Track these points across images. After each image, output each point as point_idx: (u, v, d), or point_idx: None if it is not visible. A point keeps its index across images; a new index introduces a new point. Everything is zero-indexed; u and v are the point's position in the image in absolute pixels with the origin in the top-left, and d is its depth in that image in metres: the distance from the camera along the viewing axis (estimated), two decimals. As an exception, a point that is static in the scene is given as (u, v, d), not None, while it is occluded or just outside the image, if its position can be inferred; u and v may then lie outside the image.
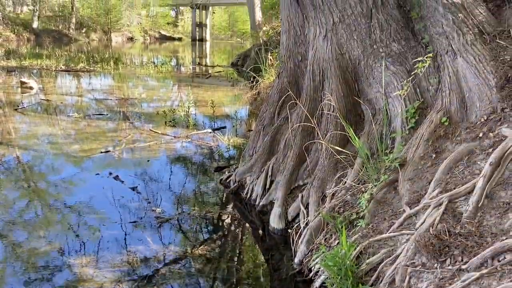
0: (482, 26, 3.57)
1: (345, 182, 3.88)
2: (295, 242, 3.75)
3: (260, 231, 4.31)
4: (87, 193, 4.92)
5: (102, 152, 6.35)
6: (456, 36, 3.55)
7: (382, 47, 4.06)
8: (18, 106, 9.47)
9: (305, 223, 3.88)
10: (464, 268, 2.32)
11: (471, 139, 3.15)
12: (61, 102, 10.33)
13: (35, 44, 30.03)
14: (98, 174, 5.52)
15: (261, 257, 3.90)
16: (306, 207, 4.07)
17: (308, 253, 3.50)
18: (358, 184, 3.73)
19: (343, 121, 4.05)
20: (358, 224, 3.30)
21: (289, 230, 4.05)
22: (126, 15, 44.39)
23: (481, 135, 3.10)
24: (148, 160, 6.15)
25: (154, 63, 21.02)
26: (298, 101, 4.65)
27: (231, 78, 15.18)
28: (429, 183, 3.09)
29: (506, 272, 2.16)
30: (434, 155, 3.34)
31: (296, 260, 3.54)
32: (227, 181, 5.33)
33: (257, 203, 4.65)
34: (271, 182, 4.69)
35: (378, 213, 3.29)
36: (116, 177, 5.41)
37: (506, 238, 2.30)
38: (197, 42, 47.96)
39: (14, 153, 6.35)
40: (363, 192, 3.57)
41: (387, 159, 3.60)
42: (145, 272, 3.44)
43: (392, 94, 3.98)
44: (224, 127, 8.19)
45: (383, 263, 2.79)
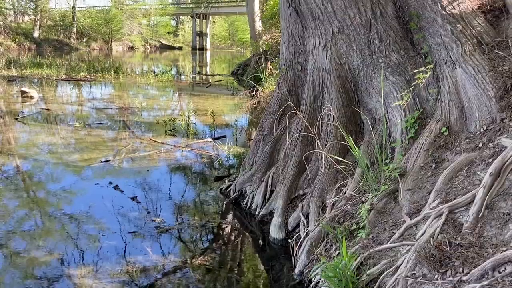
0: (481, 36, 3.59)
1: (345, 192, 3.87)
2: (295, 252, 3.73)
3: (260, 241, 4.29)
4: (86, 203, 4.91)
5: (102, 161, 6.35)
6: (455, 47, 3.57)
7: (381, 57, 4.08)
8: (18, 115, 9.50)
9: (305, 233, 3.87)
10: (465, 280, 2.31)
11: (471, 149, 3.16)
12: (62, 111, 10.36)
13: (36, 53, 30.22)
14: (98, 183, 5.51)
15: (261, 267, 3.88)
16: (306, 217, 4.06)
17: (308, 264, 3.49)
18: (358, 194, 3.73)
19: (343, 131, 4.06)
20: (358, 235, 3.28)
21: (289, 240, 4.03)
22: (127, 24, 44.74)
23: (480, 145, 3.11)
24: (148, 169, 6.15)
25: (155, 72, 21.13)
26: (297, 111, 4.66)
27: (231, 87, 15.24)
28: (429, 193, 3.09)
29: (507, 283, 2.15)
30: (434, 165, 3.34)
31: (297, 271, 3.52)
32: (227, 190, 5.33)
33: (257, 212, 4.64)
34: (271, 192, 4.68)
35: (378, 223, 3.28)
36: (116, 187, 5.40)
37: (506, 249, 2.29)
38: (197, 51, 48.33)
39: (14, 162, 6.35)
40: (363, 202, 3.57)
41: (387, 169, 3.60)
42: (145, 282, 3.42)
43: (391, 104, 3.99)
44: (224, 136, 8.20)
45: (383, 274, 2.78)
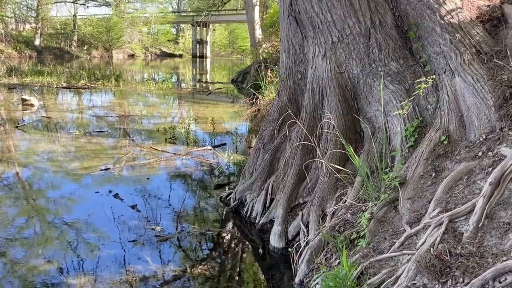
0: (479, 46, 3.61)
1: (345, 200, 3.87)
2: (295, 261, 3.72)
3: (260, 250, 4.28)
4: (86, 211, 4.90)
5: (102, 169, 6.35)
6: (453, 56, 3.59)
7: (380, 66, 4.10)
8: (19, 123, 9.52)
9: (305, 242, 3.86)
10: (465, 289, 2.30)
11: (470, 158, 3.16)
12: (62, 119, 10.37)
13: (37, 61, 30.32)
14: (97, 192, 5.51)
15: (261, 276, 3.86)
16: (306, 226, 4.06)
17: (308, 273, 3.47)
18: (358, 202, 3.73)
19: (343, 139, 4.06)
20: (358, 244, 3.28)
21: (289, 249, 4.02)
22: (128, 32, 44.98)
23: (480, 154, 3.11)
24: (148, 177, 6.15)
25: (155, 79, 21.20)
26: (297, 120, 4.67)
27: (231, 95, 15.28)
28: (429, 202, 3.09)
29: (508, 293, 2.15)
30: (434, 174, 3.34)
31: (297, 280, 3.51)
32: (227, 198, 5.32)
33: (257, 221, 4.63)
34: (271, 200, 4.68)
35: (378, 232, 3.27)
36: (116, 195, 5.40)
37: (507, 259, 2.29)
38: (198, 59, 48.54)
39: (14, 170, 6.35)
40: (363, 211, 3.56)
41: (387, 177, 3.60)
42: (144, 292, 3.41)
43: (391, 113, 4.00)
44: (224, 144, 8.20)
45: (384, 284, 2.77)
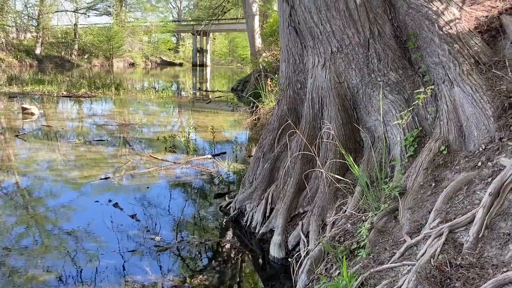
0: (478, 56, 3.63)
1: (345, 210, 3.86)
2: (295, 271, 3.70)
3: (260, 260, 4.26)
4: (86, 220, 4.89)
5: (101, 178, 6.35)
6: (452, 66, 3.61)
7: (380, 76, 4.12)
8: (19, 132, 9.52)
9: (305, 252, 3.84)
10: (466, 301, 2.29)
11: (470, 168, 3.16)
12: (62, 128, 10.39)
13: (38, 70, 30.43)
14: (97, 201, 5.50)
15: (261, 286, 3.85)
16: (307, 236, 4.05)
17: (309, 284, 3.45)
18: (359, 212, 3.72)
19: (342, 149, 4.07)
20: (359, 254, 3.26)
21: (289, 259, 4.01)
22: (128, 41, 45.20)
23: (479, 164, 3.11)
24: (148, 186, 6.14)
25: (155, 88, 21.25)
26: (297, 129, 4.68)
27: (231, 103, 15.32)
28: (429, 213, 3.09)
29: (509, 305, 2.14)
30: (433, 184, 3.34)
31: (297, 291, 3.49)
32: (227, 208, 5.31)
33: (257, 231, 4.62)
34: (271, 210, 4.67)
35: (378, 242, 3.27)
36: (116, 204, 5.39)
37: (507, 270, 2.28)
38: (198, 67, 48.73)
39: (14, 179, 6.35)
40: (363, 221, 3.55)
41: (387, 187, 3.60)
42: (143, 303, 3.39)
43: (390, 122, 4.01)
44: (224, 152, 8.21)
45: (384, 295, 2.76)
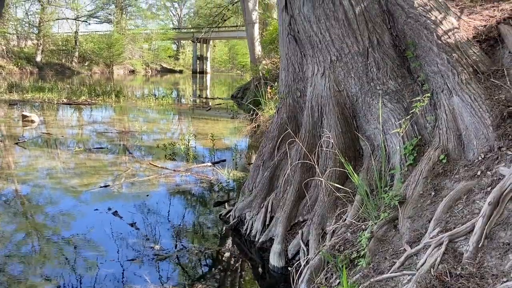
0: (477, 65, 3.65)
1: (345, 219, 3.86)
2: (295, 281, 3.69)
3: (260, 269, 4.25)
4: (85, 228, 4.88)
5: (101, 186, 6.34)
6: (451, 75, 3.62)
7: (379, 84, 4.14)
8: (19, 140, 9.53)
9: (305, 261, 3.83)
10: (466, 311, 2.28)
11: (469, 177, 3.17)
12: (62, 135, 10.40)
13: (38, 77, 30.53)
14: (97, 209, 5.49)
15: (260, 296, 3.83)
16: (306, 245, 4.04)
17: (308, 293, 3.45)
18: (358, 221, 3.72)
19: (342, 158, 4.07)
20: (359, 263, 3.25)
21: (289, 268, 4.00)
22: (128, 48, 45.39)
23: (479, 173, 3.12)
24: (148, 194, 6.14)
25: (155, 95, 21.31)
26: (296, 137, 4.69)
27: (231, 111, 15.35)
28: (429, 222, 3.08)
29: (509, 316, 2.13)
30: (433, 193, 3.34)
31: (297, 300, 3.48)
32: (227, 216, 5.30)
33: (256, 239, 4.61)
34: (271, 218, 4.66)
35: (378, 251, 3.26)
36: (115, 212, 5.38)
37: (507, 280, 2.27)
38: (198, 75, 48.92)
39: (14, 186, 6.34)
40: (363, 230, 3.55)
41: (386, 196, 3.59)
42: (143, 313, 3.38)
43: (390, 131, 4.02)
44: (224, 160, 8.21)
45: (384, 305, 2.75)
